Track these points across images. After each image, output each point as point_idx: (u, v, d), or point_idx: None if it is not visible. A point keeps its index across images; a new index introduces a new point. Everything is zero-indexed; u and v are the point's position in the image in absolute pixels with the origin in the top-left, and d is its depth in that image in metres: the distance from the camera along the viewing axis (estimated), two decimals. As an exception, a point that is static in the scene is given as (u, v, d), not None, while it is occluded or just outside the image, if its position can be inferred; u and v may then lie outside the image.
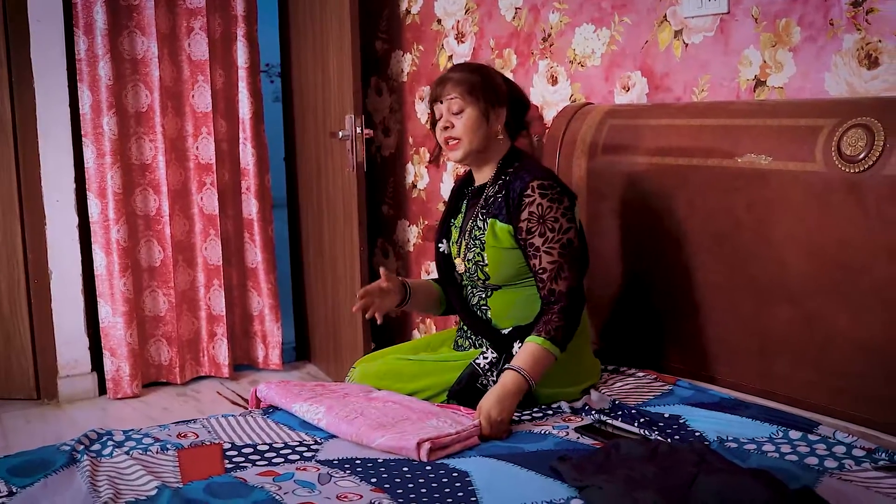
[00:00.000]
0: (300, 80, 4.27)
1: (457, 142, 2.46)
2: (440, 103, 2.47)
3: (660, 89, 2.84)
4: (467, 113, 2.44)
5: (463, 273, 2.53)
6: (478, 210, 2.51)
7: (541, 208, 2.35)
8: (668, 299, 2.64)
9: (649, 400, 2.39)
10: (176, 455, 2.07)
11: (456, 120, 2.45)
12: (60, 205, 3.98)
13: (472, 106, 2.44)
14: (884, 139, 2.08)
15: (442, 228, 2.66)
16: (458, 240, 2.58)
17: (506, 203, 2.42)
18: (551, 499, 1.77)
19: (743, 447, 2.03)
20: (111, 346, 4.04)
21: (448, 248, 2.63)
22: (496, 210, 2.45)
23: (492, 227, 2.43)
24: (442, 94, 2.46)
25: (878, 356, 2.11)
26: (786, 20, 2.45)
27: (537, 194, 2.36)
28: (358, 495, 1.82)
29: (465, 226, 2.56)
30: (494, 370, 2.40)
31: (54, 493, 1.88)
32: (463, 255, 2.53)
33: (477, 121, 2.45)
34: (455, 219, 2.64)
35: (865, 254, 2.11)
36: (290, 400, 2.34)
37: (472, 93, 2.44)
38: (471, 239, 2.50)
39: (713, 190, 2.46)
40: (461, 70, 2.50)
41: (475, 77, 2.46)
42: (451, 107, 2.45)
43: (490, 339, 2.45)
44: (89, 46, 3.88)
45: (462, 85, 2.44)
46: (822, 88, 2.38)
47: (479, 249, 2.46)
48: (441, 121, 2.48)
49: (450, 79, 2.47)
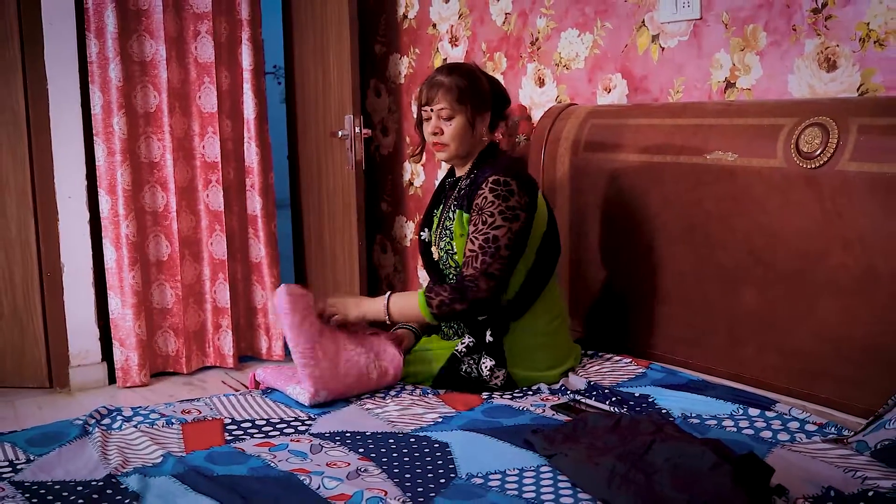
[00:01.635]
0: (302, 82, 4.42)
1: (445, 146, 2.62)
2: (429, 108, 2.63)
3: (639, 90, 2.99)
4: (456, 120, 2.60)
5: (438, 260, 2.69)
6: (451, 202, 2.68)
7: (484, 201, 2.50)
8: (644, 288, 2.79)
9: (623, 381, 2.54)
10: (180, 429, 2.23)
11: (445, 126, 2.61)
12: (72, 201, 4.10)
13: (460, 114, 2.60)
14: (837, 137, 2.23)
15: (425, 218, 2.82)
16: (437, 229, 2.74)
17: (468, 195, 2.58)
18: (523, 466, 1.93)
19: (704, 423, 2.19)
20: (120, 336, 4.19)
21: (428, 236, 2.78)
22: (462, 201, 2.60)
23: (459, 217, 2.59)
24: (432, 101, 2.61)
25: (832, 338, 2.27)
26: (753, 26, 2.60)
27: (487, 189, 2.51)
28: (346, 463, 1.98)
29: (442, 216, 2.72)
30: (473, 355, 2.56)
31: (68, 461, 2.04)
32: (437, 244, 2.69)
33: (464, 128, 2.61)
34: (437, 209, 2.80)
35: (821, 243, 2.27)
36: (284, 382, 2.50)
37: (461, 101, 2.59)
38: (443, 229, 2.67)
39: (685, 185, 2.62)
40: (450, 74, 2.63)
41: (464, 83, 2.61)
42: (441, 113, 2.60)
43: (466, 324, 2.61)
44: (100, 49, 4.03)
45: (452, 93, 2.59)
46: (785, 90, 2.54)
47: (448, 239, 2.62)
48: (430, 125, 2.63)
49: (440, 84, 2.61)
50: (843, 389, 2.26)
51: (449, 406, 2.37)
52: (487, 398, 2.45)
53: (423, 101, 2.65)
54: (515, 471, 1.91)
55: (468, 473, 1.91)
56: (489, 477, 1.89)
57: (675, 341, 2.71)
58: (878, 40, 2.30)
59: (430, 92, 2.63)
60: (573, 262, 3.02)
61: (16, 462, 2.03)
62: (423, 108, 2.66)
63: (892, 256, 2.13)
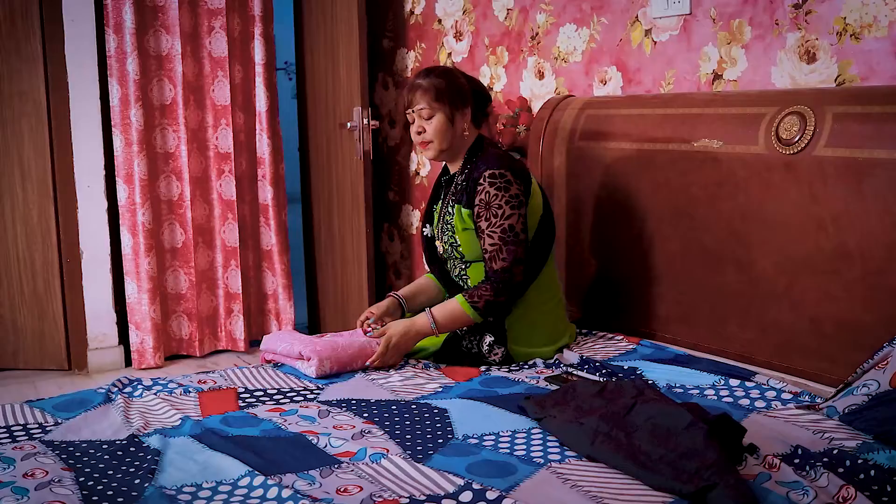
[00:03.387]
0: (313, 75, 4.56)
1: (429, 143, 2.77)
2: (411, 110, 2.78)
3: (632, 82, 3.14)
4: (436, 118, 2.75)
5: (442, 253, 2.85)
6: (449, 197, 2.82)
7: (488, 195, 2.65)
8: (636, 269, 2.94)
9: (614, 357, 2.69)
10: (197, 396, 2.38)
11: (427, 125, 2.76)
12: (91, 190, 4.25)
13: (439, 112, 2.75)
14: (814, 125, 2.37)
15: (426, 214, 2.97)
16: (438, 224, 2.88)
17: (465, 190, 2.73)
18: (515, 428, 2.08)
19: (688, 392, 2.33)
20: (136, 320, 4.34)
21: (431, 231, 2.93)
22: (460, 196, 2.75)
23: (458, 212, 2.74)
24: (412, 103, 2.77)
25: (808, 313, 2.41)
26: (739, 21, 2.74)
27: (487, 183, 2.66)
28: (351, 426, 2.13)
29: (442, 211, 2.86)
30: (475, 333, 2.71)
31: (94, 423, 2.20)
32: (440, 239, 2.84)
33: (444, 124, 2.75)
34: (436, 205, 2.95)
35: (799, 224, 2.41)
36: (292, 361, 2.65)
37: (439, 99, 2.74)
38: (444, 224, 2.81)
39: (673, 171, 2.77)
40: (427, 76, 2.78)
41: (440, 82, 2.75)
42: (422, 114, 2.76)
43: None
44: (118, 44, 4.18)
45: (429, 93, 2.74)
46: (769, 81, 2.68)
47: (451, 233, 2.77)
48: (414, 126, 2.79)
49: (419, 86, 2.76)
50: (818, 362, 2.40)
51: (449, 378, 2.52)
52: (485, 371, 2.61)
53: (404, 105, 2.81)
54: (508, 432, 2.05)
55: (464, 434, 2.06)
56: (484, 438, 2.03)
57: (665, 319, 2.85)
58: (854, 34, 2.44)
59: (409, 94, 2.78)
60: (570, 246, 3.17)
61: (45, 424, 2.19)
62: (406, 112, 2.81)
63: (862, 236, 2.27)
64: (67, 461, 1.94)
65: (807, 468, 1.81)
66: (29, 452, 1.97)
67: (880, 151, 2.23)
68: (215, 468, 1.88)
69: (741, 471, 1.77)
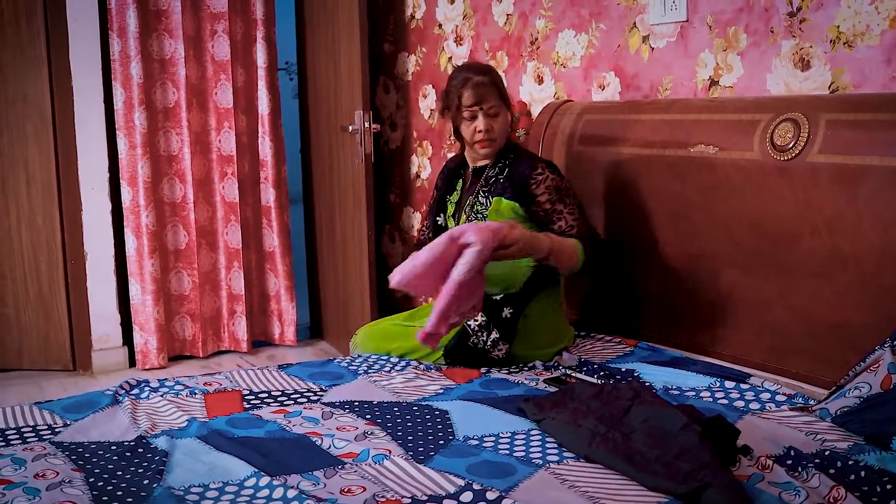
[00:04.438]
0: (314, 78, 4.60)
1: (493, 142, 2.85)
2: (478, 108, 2.82)
3: (630, 88, 3.18)
4: (501, 116, 2.86)
5: None
6: (479, 188, 2.88)
7: (555, 181, 2.78)
8: (633, 272, 2.98)
9: (612, 359, 2.73)
10: (202, 398, 2.43)
11: (494, 122, 2.84)
12: (95, 192, 4.29)
13: (503, 109, 2.86)
14: (808, 131, 2.42)
15: (439, 204, 3.03)
16: (455, 213, 2.94)
17: (511, 183, 2.80)
18: (515, 430, 2.12)
19: (684, 394, 2.38)
20: (140, 321, 4.38)
21: (445, 220, 2.99)
22: (501, 189, 2.82)
23: (497, 203, 2.81)
24: (483, 102, 2.82)
25: (803, 316, 2.46)
26: (735, 28, 2.79)
27: (548, 172, 2.78)
28: (354, 427, 2.18)
29: (464, 201, 2.92)
30: (484, 332, 2.75)
31: (102, 425, 2.25)
32: None
33: (507, 122, 2.88)
34: (452, 195, 3.00)
35: (793, 229, 2.46)
36: None
37: (503, 98, 2.86)
38: (472, 213, 2.87)
39: (670, 176, 2.81)
40: (486, 74, 2.86)
41: (500, 81, 2.89)
42: (490, 111, 2.83)
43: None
44: (122, 48, 4.22)
45: (494, 91, 2.84)
46: (764, 88, 2.73)
47: (479, 220, 2.81)
48: (480, 123, 2.82)
49: (483, 84, 2.83)
50: (811, 363, 2.45)
51: (450, 379, 2.57)
52: (485, 373, 2.65)
53: (470, 102, 2.82)
54: (508, 434, 2.10)
55: (465, 436, 2.10)
56: (484, 439, 2.08)
57: (661, 322, 2.90)
58: (848, 42, 2.49)
59: (478, 92, 2.82)
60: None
61: (54, 426, 2.24)
62: (469, 108, 2.83)
63: (854, 240, 2.31)
64: (77, 462, 1.99)
65: (799, 469, 1.86)
66: (39, 453, 2.02)
67: (872, 158, 2.28)
68: (222, 469, 1.93)
69: (735, 471, 1.81)
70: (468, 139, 2.88)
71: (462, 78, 2.86)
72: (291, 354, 4.62)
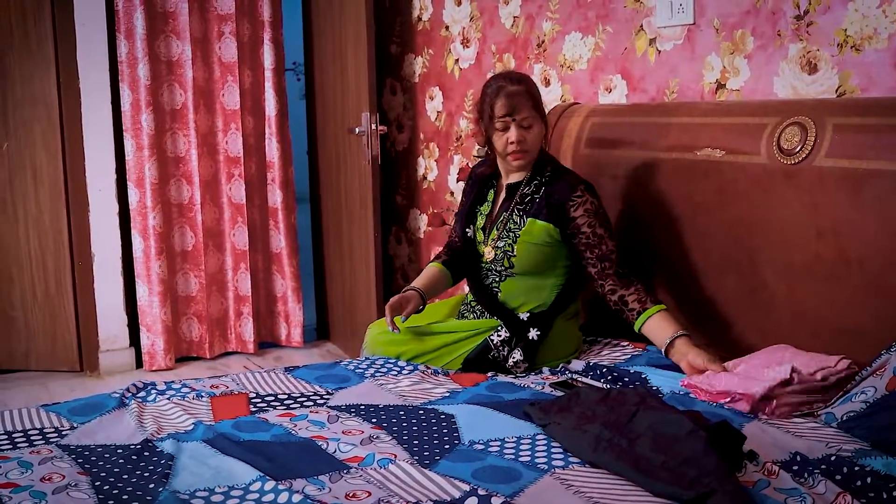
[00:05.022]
0: (321, 80, 4.61)
1: (526, 153, 2.77)
2: (511, 118, 2.73)
3: (637, 90, 3.18)
4: (536, 128, 2.76)
5: (489, 260, 2.84)
6: (513, 206, 2.81)
7: (594, 205, 2.72)
8: (639, 275, 2.97)
9: (619, 362, 2.73)
10: (209, 401, 2.43)
11: (527, 134, 2.75)
12: (102, 193, 4.30)
13: (537, 122, 2.77)
14: (815, 135, 2.41)
15: (468, 214, 2.94)
16: (486, 227, 2.88)
17: (547, 204, 2.74)
18: (520, 434, 2.12)
19: (690, 397, 2.37)
20: (147, 322, 4.40)
21: (473, 232, 2.92)
22: (536, 210, 2.75)
23: (531, 224, 2.75)
24: (516, 113, 2.72)
25: (808, 321, 2.45)
26: (741, 31, 2.78)
27: (587, 195, 2.73)
28: (360, 431, 2.17)
29: (497, 216, 2.85)
30: (506, 346, 2.75)
31: (108, 428, 2.25)
32: (493, 244, 2.82)
33: (541, 135, 2.80)
34: (481, 206, 2.94)
35: (799, 233, 2.45)
36: None
37: (538, 109, 2.77)
38: (504, 231, 2.80)
39: (676, 179, 2.81)
40: (521, 83, 2.76)
41: (537, 92, 2.79)
42: (523, 122, 2.74)
43: (504, 320, 2.78)
44: (129, 50, 4.23)
45: (530, 102, 2.74)
46: (771, 91, 2.72)
47: (511, 241, 2.77)
48: (513, 134, 2.73)
49: (519, 94, 2.73)
50: (818, 368, 2.44)
51: (456, 383, 2.57)
52: (492, 376, 2.64)
53: (502, 112, 2.72)
54: (513, 438, 2.10)
55: (471, 440, 2.10)
56: (489, 443, 2.08)
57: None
58: (855, 45, 2.48)
59: (511, 101, 2.71)
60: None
61: (61, 429, 2.24)
62: (501, 119, 2.73)
63: (861, 245, 2.31)
64: (83, 465, 2.00)
65: (805, 475, 1.85)
66: (46, 457, 2.03)
67: (879, 162, 2.27)
68: (227, 473, 1.93)
69: (741, 477, 1.81)
70: (500, 150, 2.78)
71: (496, 87, 2.76)
72: (298, 356, 4.63)
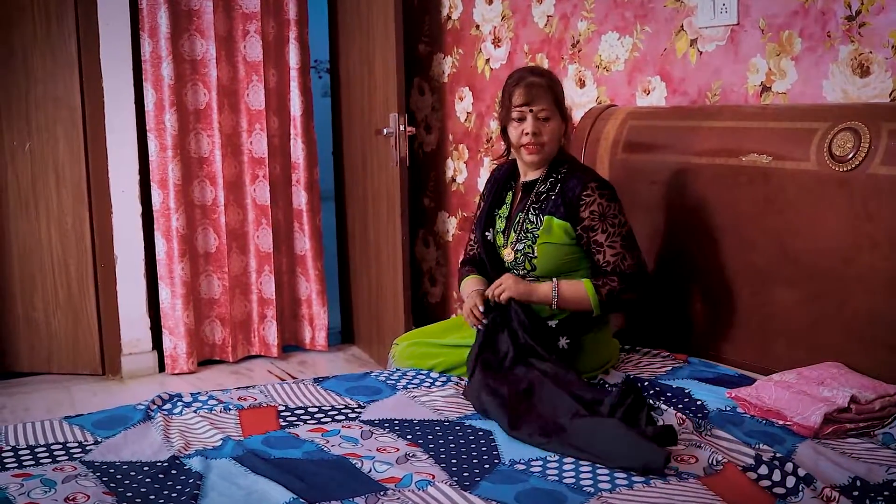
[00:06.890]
0: (348, 80, 4.53)
1: (540, 147, 2.67)
2: (528, 108, 2.65)
3: (677, 93, 3.08)
4: (553, 122, 2.66)
5: (510, 262, 2.73)
6: (529, 205, 2.70)
7: (601, 207, 2.59)
8: (680, 284, 2.89)
9: (661, 375, 2.63)
10: (237, 414, 2.36)
11: (543, 127, 2.65)
12: (125, 195, 4.24)
13: (556, 117, 2.67)
14: (869, 141, 2.31)
15: (487, 217, 2.84)
16: (505, 230, 2.77)
17: (563, 201, 2.63)
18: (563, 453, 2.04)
19: (738, 413, 2.28)
20: (170, 325, 4.33)
21: (494, 236, 2.82)
22: (552, 208, 2.65)
23: (548, 223, 2.64)
24: (532, 102, 2.64)
25: (860, 335, 2.35)
26: (789, 32, 2.68)
27: (597, 194, 2.60)
28: (395, 448, 2.10)
29: (514, 217, 2.75)
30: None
31: (133, 443, 2.17)
32: (512, 246, 2.72)
33: (559, 131, 2.69)
34: (500, 209, 2.84)
35: (851, 243, 2.35)
36: None
37: (558, 104, 2.67)
38: (522, 232, 2.69)
39: (720, 186, 2.71)
40: (543, 76, 2.69)
41: (559, 87, 2.69)
42: (539, 115, 2.64)
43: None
44: (153, 49, 4.17)
45: (549, 95, 2.65)
46: (820, 94, 2.62)
47: (530, 242, 2.66)
48: (528, 125, 2.64)
49: (538, 85, 2.65)
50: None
51: (491, 396, 2.48)
52: (527, 388, 2.56)
53: (519, 101, 2.65)
54: (555, 458, 2.02)
55: (511, 460, 2.02)
56: (531, 463, 2.00)
57: (709, 336, 2.80)
58: (911, 48, 2.38)
59: (529, 92, 2.64)
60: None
61: (84, 443, 2.17)
62: (518, 108, 2.66)
63: (919, 257, 2.21)
64: (108, 484, 1.93)
65: (867, 502, 1.76)
66: (70, 474, 1.96)
67: (939, 170, 2.17)
68: (259, 494, 1.85)
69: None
70: (514, 142, 2.70)
71: (517, 77, 2.70)
72: (322, 360, 4.55)
